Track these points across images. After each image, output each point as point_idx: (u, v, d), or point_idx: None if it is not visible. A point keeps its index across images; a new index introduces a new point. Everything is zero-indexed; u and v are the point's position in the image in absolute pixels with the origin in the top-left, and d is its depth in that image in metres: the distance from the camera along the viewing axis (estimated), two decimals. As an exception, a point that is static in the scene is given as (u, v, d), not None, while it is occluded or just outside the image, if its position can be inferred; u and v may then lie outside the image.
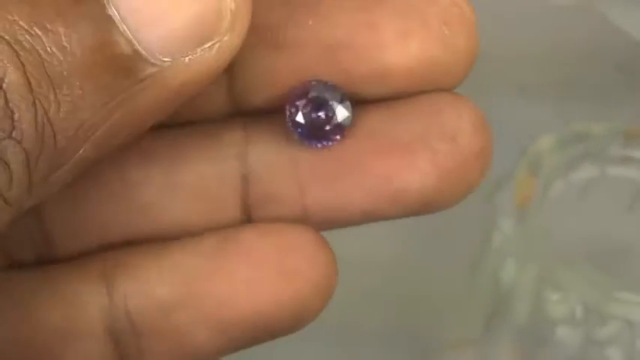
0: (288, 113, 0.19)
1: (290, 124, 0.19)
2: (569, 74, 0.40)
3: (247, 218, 0.19)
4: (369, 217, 0.19)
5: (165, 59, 0.17)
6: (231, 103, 0.19)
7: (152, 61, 0.17)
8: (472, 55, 0.19)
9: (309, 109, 0.19)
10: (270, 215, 0.19)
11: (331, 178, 0.19)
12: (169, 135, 0.19)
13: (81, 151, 0.17)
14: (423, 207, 0.19)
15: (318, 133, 0.19)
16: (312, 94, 0.19)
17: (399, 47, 0.19)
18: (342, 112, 0.19)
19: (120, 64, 0.16)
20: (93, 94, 0.16)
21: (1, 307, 0.19)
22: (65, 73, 0.16)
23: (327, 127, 0.19)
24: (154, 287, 0.19)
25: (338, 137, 0.19)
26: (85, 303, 0.19)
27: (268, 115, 0.19)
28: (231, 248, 0.19)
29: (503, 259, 0.32)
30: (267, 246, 0.19)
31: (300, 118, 0.19)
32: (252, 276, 0.18)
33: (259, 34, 0.19)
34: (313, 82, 0.19)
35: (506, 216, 0.32)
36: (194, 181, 0.19)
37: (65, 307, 0.19)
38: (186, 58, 0.17)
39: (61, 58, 0.16)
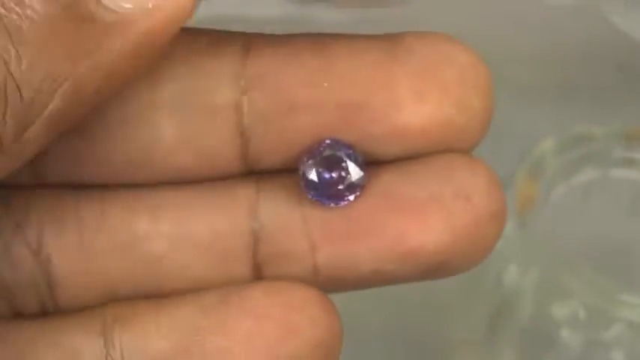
0: (301, 172, 0.19)
1: (303, 182, 0.19)
2: (569, 76, 0.40)
3: (257, 275, 0.19)
4: (381, 278, 0.19)
5: (127, 5, 0.17)
6: (245, 165, 0.19)
7: (113, 7, 0.16)
8: (488, 116, 0.19)
9: (322, 168, 0.19)
10: (281, 273, 0.19)
11: (343, 237, 0.19)
12: (180, 188, 0.19)
13: (50, 106, 0.16)
14: (438, 268, 0.19)
15: (331, 192, 0.19)
16: (326, 153, 0.19)
17: (414, 107, 0.19)
18: (355, 172, 0.19)
19: (81, 13, 0.16)
20: (55, 46, 0.16)
21: (2, 355, 0.19)
22: (24, 26, 0.16)
23: (340, 187, 0.19)
24: (150, 341, 0.19)
25: (351, 197, 0.19)
26: (82, 355, 0.19)
27: (282, 173, 0.20)
28: (233, 303, 0.19)
29: (506, 262, 0.32)
30: (270, 303, 0.18)
31: (313, 176, 0.19)
32: (252, 332, 0.18)
33: (274, 97, 0.19)
34: (327, 141, 0.19)
35: (508, 220, 0.30)
36: (205, 235, 0.19)
37: (62, 359, 0.19)
38: (149, 4, 0.16)
39: (20, 12, 0.16)
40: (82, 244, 0.19)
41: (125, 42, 0.17)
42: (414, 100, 0.19)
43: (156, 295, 0.19)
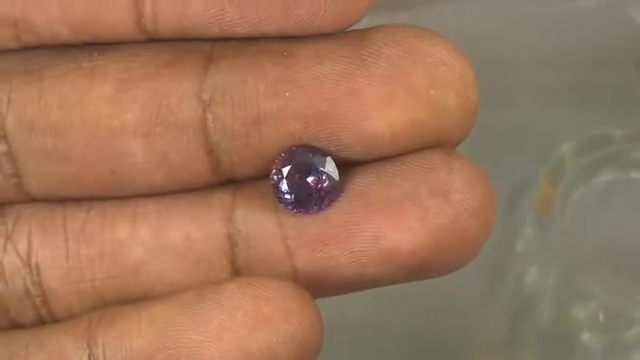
0: (272, 182, 0.19)
1: (276, 191, 0.19)
2: (591, 78, 0.39)
3: None
4: (365, 281, 0.19)
5: None
6: (219, 177, 0.19)
7: None
8: (468, 111, 0.18)
9: (294, 175, 0.19)
10: None
11: (319, 242, 0.19)
12: (158, 198, 0.20)
13: None
14: (421, 269, 0.19)
15: (304, 199, 0.19)
16: (296, 159, 0.19)
17: (381, 114, 0.18)
18: (328, 177, 0.18)
19: None
20: None
21: None
22: None
23: (314, 194, 0.19)
24: (131, 340, 0.19)
25: (326, 202, 0.19)
26: (66, 355, 0.19)
27: (257, 180, 0.19)
28: (207, 298, 0.18)
29: (527, 264, 0.32)
30: (243, 296, 0.18)
31: (284, 186, 0.19)
32: (223, 325, 0.18)
33: (237, 111, 0.19)
34: (298, 148, 0.19)
35: (529, 222, 0.32)
36: (180, 242, 0.19)
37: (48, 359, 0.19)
38: None
39: None
40: (67, 253, 0.20)
41: None
42: (381, 106, 0.18)
43: (140, 301, 0.19)
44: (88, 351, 0.19)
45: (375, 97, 0.18)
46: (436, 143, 0.18)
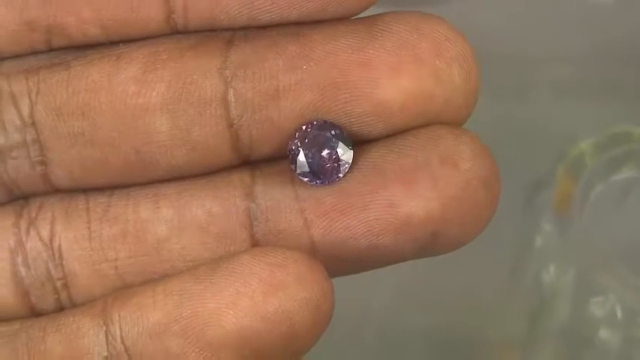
0: (290, 154, 0.20)
1: (292, 164, 0.20)
2: (610, 75, 0.40)
3: None
4: (379, 254, 0.19)
5: None
6: (238, 156, 0.20)
7: None
8: (471, 88, 0.19)
9: (310, 148, 0.19)
10: None
11: (335, 212, 0.19)
12: (179, 180, 0.20)
13: None
14: (432, 240, 0.19)
15: (320, 171, 0.19)
16: (314, 133, 0.19)
17: (391, 82, 0.19)
18: (343, 150, 0.19)
19: None
20: None
21: (15, 345, 0.20)
22: None
23: (329, 165, 0.19)
24: (147, 313, 0.19)
25: (340, 175, 0.19)
26: (84, 335, 0.19)
27: (275, 160, 0.20)
28: (222, 268, 0.19)
29: (545, 261, 0.32)
30: (257, 264, 0.19)
31: (302, 157, 0.19)
32: (239, 292, 0.18)
33: (257, 85, 0.19)
34: (314, 122, 0.19)
35: (547, 219, 0.32)
36: (202, 218, 0.20)
37: (67, 340, 0.19)
38: None
39: None
40: (90, 234, 0.20)
41: None
42: (391, 75, 0.19)
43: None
44: (104, 328, 0.19)
45: (385, 67, 0.19)
46: (442, 119, 0.19)
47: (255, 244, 0.20)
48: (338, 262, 0.19)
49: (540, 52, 0.39)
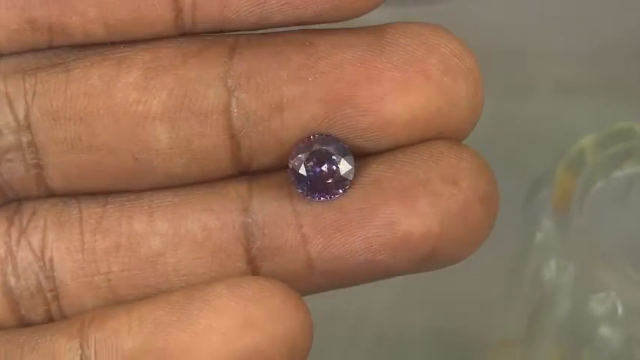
0: (290, 167, 0.19)
1: (293, 177, 0.19)
2: (611, 72, 0.40)
3: (254, 271, 0.20)
4: (376, 270, 0.19)
5: None
6: (237, 166, 0.20)
7: None
8: (476, 105, 0.19)
9: (311, 162, 0.19)
10: (276, 267, 0.19)
11: (334, 229, 0.19)
12: (175, 190, 0.20)
13: None
14: (430, 257, 0.19)
15: (320, 186, 0.19)
16: (315, 147, 0.19)
17: (399, 98, 0.19)
18: (344, 166, 0.19)
19: None
20: None
21: None
22: None
23: (330, 181, 0.19)
24: (121, 340, 0.19)
25: (340, 191, 0.19)
26: (58, 355, 0.19)
27: (274, 171, 0.20)
28: (196, 299, 0.19)
29: (545, 257, 0.32)
30: (231, 297, 0.18)
31: (302, 171, 0.19)
32: (211, 327, 0.18)
33: (261, 96, 0.19)
34: (316, 136, 0.19)
35: (547, 215, 0.32)
36: (197, 232, 0.19)
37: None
38: None
39: None
40: (82, 246, 0.20)
41: None
42: (398, 91, 0.19)
43: (154, 295, 0.20)
44: (80, 351, 0.19)
45: (392, 83, 0.19)
46: (446, 134, 0.19)
47: (251, 259, 0.20)
48: (334, 278, 0.19)
49: (542, 49, 0.39)
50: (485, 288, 0.35)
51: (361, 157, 0.19)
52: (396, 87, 0.19)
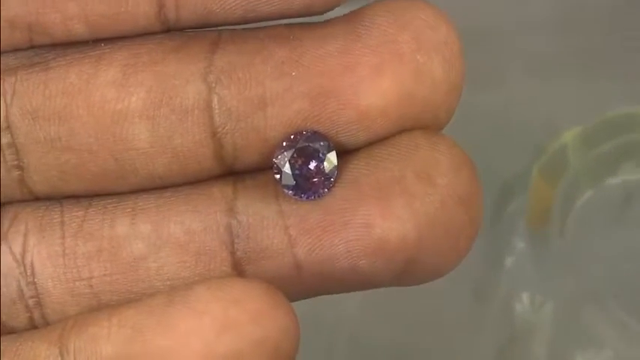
0: (275, 165, 0.20)
1: (277, 176, 0.20)
2: (596, 46, 0.36)
3: (240, 274, 0.20)
4: (359, 277, 0.20)
5: None
6: (222, 165, 0.20)
7: None
8: (454, 85, 0.19)
9: (296, 160, 0.20)
10: (262, 269, 0.20)
11: (318, 230, 0.19)
12: (159, 192, 0.20)
13: None
14: (408, 267, 0.19)
15: (306, 185, 0.20)
16: (300, 144, 0.20)
17: (372, 85, 0.19)
18: (329, 164, 0.19)
19: None
20: None
21: None
22: None
23: (315, 180, 0.19)
24: (100, 346, 0.19)
25: (325, 189, 0.20)
26: None
27: (259, 171, 0.20)
28: (176, 302, 0.19)
29: (517, 287, 0.30)
30: (211, 299, 0.19)
31: (287, 169, 0.20)
32: (191, 329, 0.18)
33: (243, 92, 0.20)
34: (302, 132, 0.20)
35: (519, 234, 0.30)
36: (180, 235, 0.20)
37: None
38: None
39: None
40: (64, 251, 0.20)
41: None
42: (372, 78, 0.19)
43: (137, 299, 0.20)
44: (60, 358, 0.19)
45: (367, 69, 0.19)
46: (423, 121, 0.19)
47: (236, 262, 0.20)
48: (323, 282, 0.20)
49: (508, 21, 0.36)
50: (449, 313, 0.33)
51: (344, 153, 0.20)
52: (370, 73, 0.19)
